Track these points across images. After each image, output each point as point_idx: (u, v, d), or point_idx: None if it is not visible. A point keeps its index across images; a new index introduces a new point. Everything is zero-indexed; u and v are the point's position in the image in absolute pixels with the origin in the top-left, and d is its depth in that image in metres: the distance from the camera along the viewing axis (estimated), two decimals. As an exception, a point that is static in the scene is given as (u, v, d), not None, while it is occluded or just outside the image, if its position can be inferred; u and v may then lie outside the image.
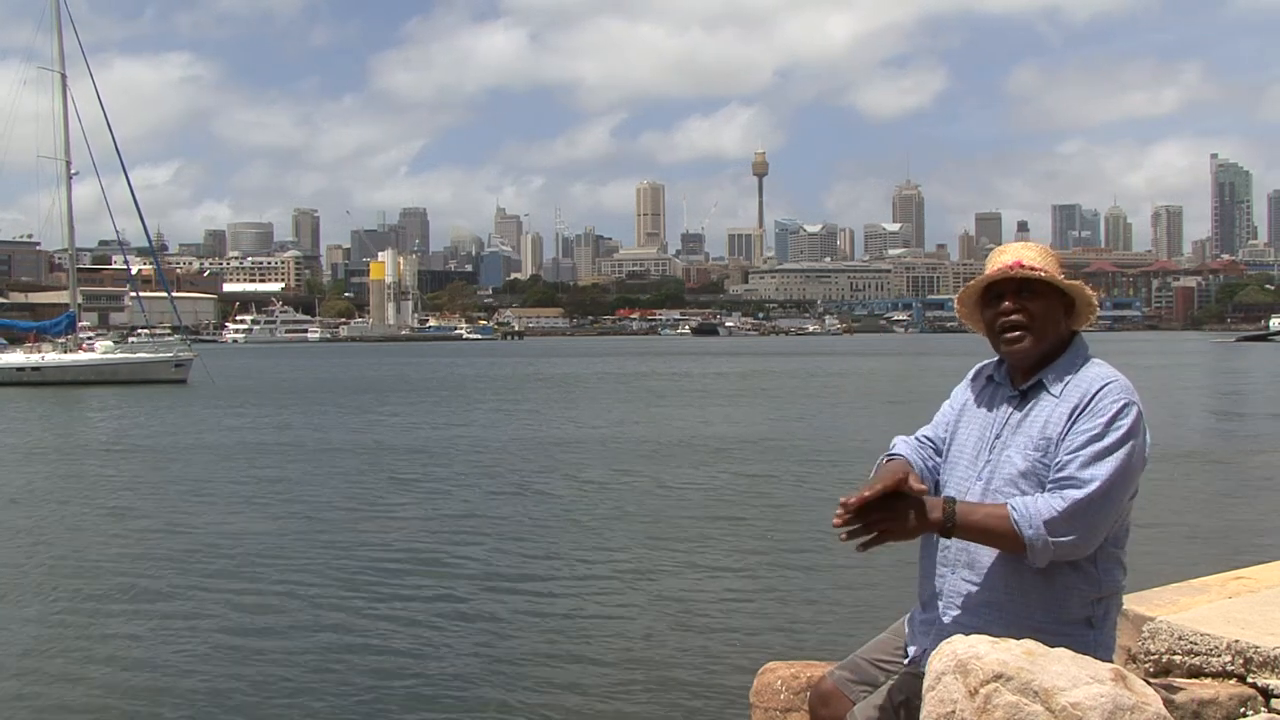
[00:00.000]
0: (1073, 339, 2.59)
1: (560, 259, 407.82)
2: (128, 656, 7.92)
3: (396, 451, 21.15)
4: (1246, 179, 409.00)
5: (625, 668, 7.48)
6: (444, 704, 6.90)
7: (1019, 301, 2.54)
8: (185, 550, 11.59)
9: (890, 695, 2.54)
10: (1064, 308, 2.57)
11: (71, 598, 9.64)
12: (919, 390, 34.63)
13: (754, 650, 7.37)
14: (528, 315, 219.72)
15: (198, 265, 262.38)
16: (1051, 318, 2.54)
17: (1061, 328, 2.57)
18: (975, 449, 2.61)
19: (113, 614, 9.08)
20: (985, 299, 2.62)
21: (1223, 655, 2.99)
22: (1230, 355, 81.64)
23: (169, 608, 9.21)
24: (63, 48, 47.63)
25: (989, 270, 2.61)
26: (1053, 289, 2.53)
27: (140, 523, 13.38)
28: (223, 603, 9.31)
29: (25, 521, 13.62)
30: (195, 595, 9.60)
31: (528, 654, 7.86)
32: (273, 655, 7.88)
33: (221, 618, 8.85)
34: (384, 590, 9.73)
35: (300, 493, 15.81)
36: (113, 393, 40.14)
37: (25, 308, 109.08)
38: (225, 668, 7.59)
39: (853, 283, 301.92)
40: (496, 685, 7.21)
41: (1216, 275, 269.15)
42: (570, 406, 33.62)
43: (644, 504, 14.57)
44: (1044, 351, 2.55)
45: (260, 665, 7.66)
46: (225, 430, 25.86)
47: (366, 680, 7.31)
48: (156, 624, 8.73)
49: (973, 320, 2.70)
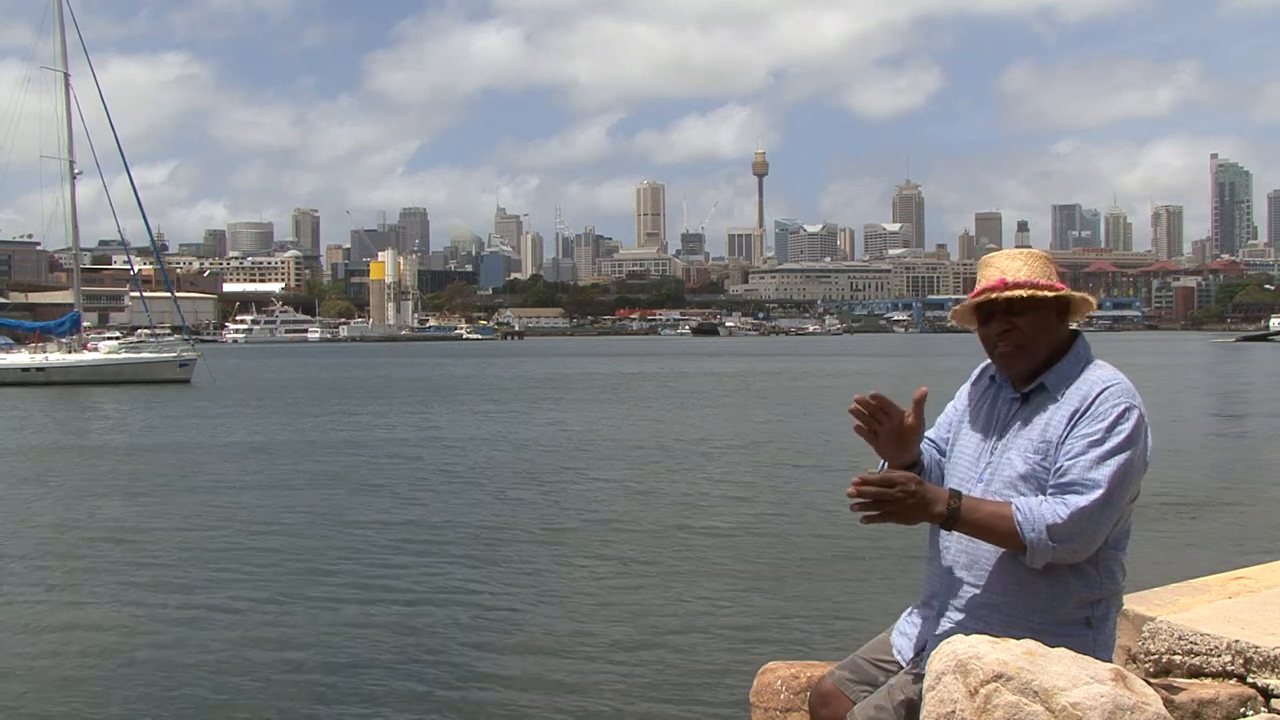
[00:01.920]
0: (1074, 340, 2.56)
1: (560, 259, 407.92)
2: (129, 655, 7.92)
3: (400, 452, 21.14)
4: (1246, 179, 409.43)
5: (625, 668, 7.48)
6: (443, 704, 6.90)
7: (1008, 320, 2.51)
8: (188, 550, 11.60)
9: (890, 695, 2.53)
10: (1057, 311, 2.53)
11: (73, 593, 9.66)
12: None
13: (754, 650, 7.37)
14: (528, 315, 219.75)
15: (198, 265, 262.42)
16: (1044, 328, 2.51)
17: (1058, 332, 2.54)
18: (976, 450, 2.60)
19: (112, 612, 9.09)
20: (977, 317, 2.61)
21: (1223, 655, 2.99)
22: (1230, 355, 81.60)
23: (168, 604, 9.23)
24: (65, 46, 47.74)
25: (979, 283, 2.59)
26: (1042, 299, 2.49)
27: (143, 521, 13.38)
28: (225, 601, 9.32)
29: (35, 517, 13.65)
30: (209, 589, 9.61)
31: (527, 654, 7.86)
32: (272, 655, 7.88)
33: (223, 618, 8.86)
34: (384, 591, 9.72)
35: (301, 492, 15.81)
36: (117, 393, 40.16)
37: (25, 308, 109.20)
38: (228, 668, 7.59)
39: (853, 283, 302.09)
40: (496, 685, 7.21)
41: (1216, 275, 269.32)
42: (572, 408, 33.63)
43: (644, 504, 14.56)
44: (1038, 363, 2.52)
45: (261, 664, 7.67)
46: (232, 431, 25.87)
47: (366, 681, 7.31)
48: (143, 619, 8.74)
49: (972, 329, 2.69)
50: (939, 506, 2.38)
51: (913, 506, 2.37)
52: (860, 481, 2.36)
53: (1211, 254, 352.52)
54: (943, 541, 2.58)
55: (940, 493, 2.42)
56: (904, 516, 2.39)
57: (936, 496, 2.40)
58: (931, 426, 2.79)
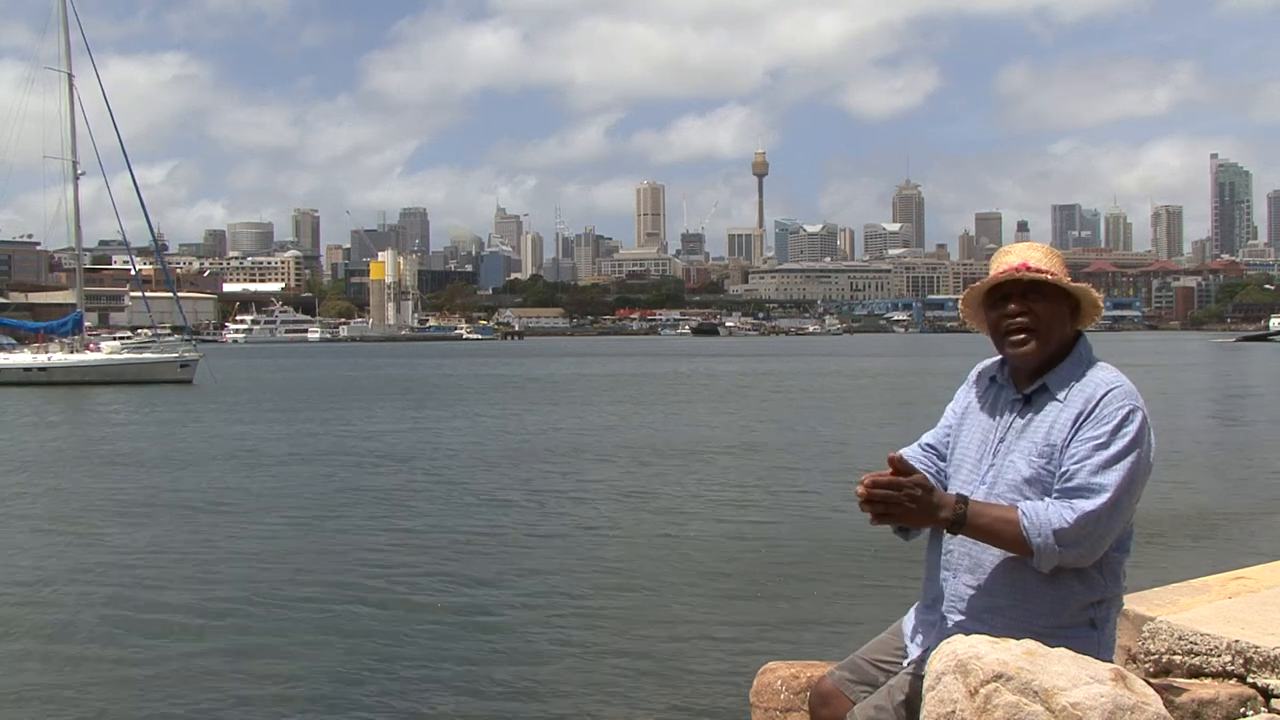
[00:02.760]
0: (1076, 341, 2.56)
1: (560, 259, 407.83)
2: (129, 654, 7.92)
3: (400, 453, 21.14)
4: (1246, 179, 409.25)
5: (625, 668, 7.47)
6: (442, 704, 6.90)
7: (1025, 304, 2.51)
8: (192, 549, 11.61)
9: (890, 695, 2.53)
10: (1069, 309, 2.55)
11: (77, 598, 9.66)
12: (922, 392, 34.76)
13: (754, 650, 7.37)
14: (528, 315, 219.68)
15: (197, 265, 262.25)
16: (1058, 320, 2.52)
17: (1066, 329, 2.55)
18: (979, 453, 2.59)
19: (113, 610, 9.09)
20: (990, 300, 2.59)
21: (1223, 655, 2.99)
22: (1230, 355, 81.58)
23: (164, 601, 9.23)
24: (69, 46, 47.74)
25: (994, 271, 2.58)
26: (1059, 291, 2.51)
27: (145, 520, 13.38)
28: (226, 602, 9.33)
29: (38, 522, 13.64)
30: (206, 595, 9.61)
31: (527, 655, 7.86)
32: (275, 655, 7.88)
33: (223, 617, 8.86)
34: (384, 591, 9.72)
35: (299, 495, 15.80)
36: (119, 393, 40.16)
37: (25, 308, 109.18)
38: (228, 669, 7.60)
39: (853, 283, 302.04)
40: (495, 685, 7.20)
41: (1216, 275, 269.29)
42: (572, 408, 33.62)
43: (643, 505, 14.56)
44: (1048, 354, 2.52)
45: (257, 667, 7.67)
46: (237, 432, 25.86)
47: (363, 682, 7.31)
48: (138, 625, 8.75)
49: (976, 321, 2.68)
50: (945, 511, 2.40)
51: (920, 509, 2.38)
52: (870, 482, 2.38)
53: (1211, 254, 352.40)
54: (946, 544, 2.57)
55: (947, 497, 2.42)
56: (911, 519, 2.40)
57: (943, 501, 2.41)
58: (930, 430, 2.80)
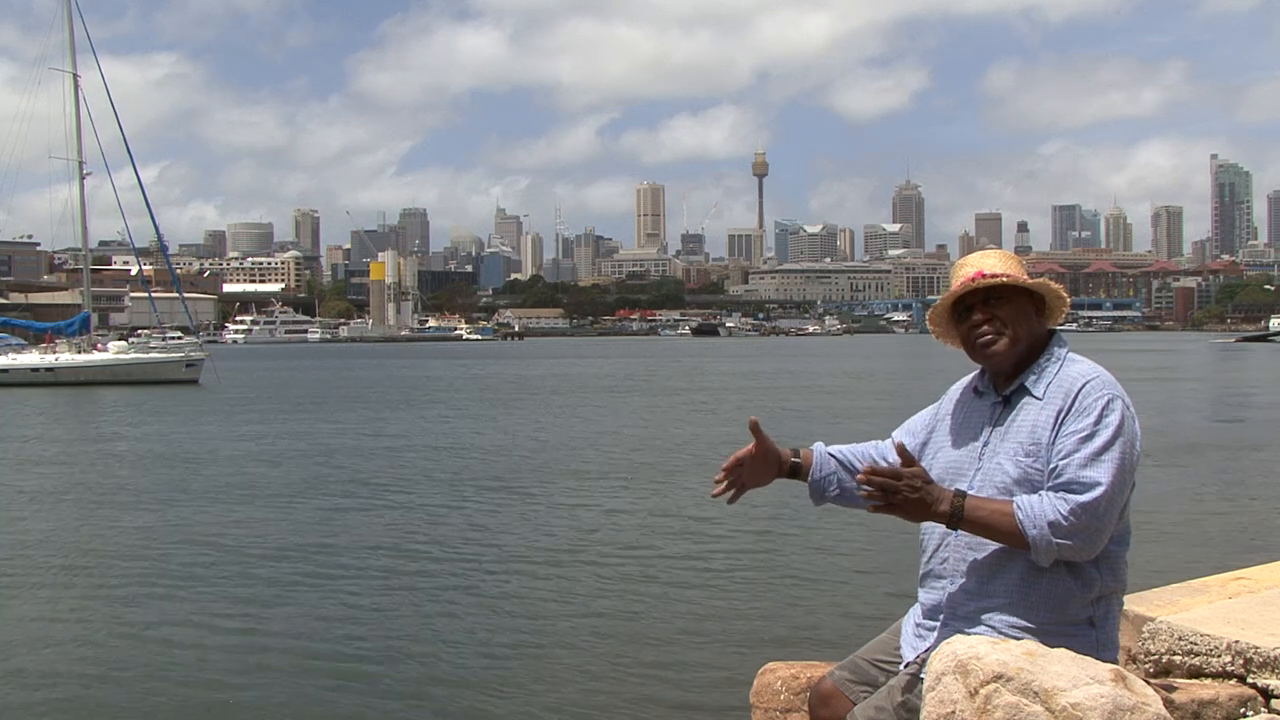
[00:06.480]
0: (1050, 338, 2.60)
1: (560, 259, 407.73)
2: (131, 653, 7.92)
3: (401, 453, 21.14)
4: (1246, 179, 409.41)
5: (625, 668, 7.48)
6: (440, 705, 6.90)
7: (988, 310, 2.56)
8: (193, 550, 11.61)
9: (890, 695, 2.53)
10: (1034, 307, 2.59)
11: (80, 592, 9.66)
12: (922, 392, 34.72)
13: (754, 650, 7.37)
14: (528, 316, 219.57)
15: (197, 266, 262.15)
16: (1023, 318, 2.56)
17: (1036, 327, 2.58)
18: (961, 458, 2.61)
19: (112, 609, 9.10)
20: (956, 315, 2.64)
21: (1223, 656, 2.99)
22: (1230, 356, 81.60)
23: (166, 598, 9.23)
24: (74, 47, 47.76)
25: (953, 285, 2.63)
26: (1020, 291, 2.55)
27: (147, 521, 13.39)
28: (225, 601, 9.33)
29: (44, 520, 13.66)
30: (208, 591, 9.62)
31: (526, 655, 7.86)
32: (274, 656, 7.89)
33: (223, 617, 8.86)
34: (384, 592, 9.73)
35: (301, 496, 15.81)
36: (126, 393, 40.18)
37: (25, 308, 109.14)
38: (230, 668, 7.60)
39: (853, 283, 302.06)
40: (495, 685, 7.21)
41: (1216, 275, 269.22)
42: (571, 409, 33.63)
43: (642, 505, 14.56)
44: (1022, 352, 2.56)
45: (259, 665, 7.67)
46: (242, 433, 25.87)
47: (360, 683, 7.31)
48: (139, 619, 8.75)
49: (948, 337, 2.71)
50: (943, 505, 2.41)
51: (917, 501, 2.40)
52: (869, 471, 2.42)
53: (1211, 254, 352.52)
54: (943, 541, 2.58)
55: (944, 492, 2.44)
56: (908, 511, 2.41)
57: (941, 495, 2.42)
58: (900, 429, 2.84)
